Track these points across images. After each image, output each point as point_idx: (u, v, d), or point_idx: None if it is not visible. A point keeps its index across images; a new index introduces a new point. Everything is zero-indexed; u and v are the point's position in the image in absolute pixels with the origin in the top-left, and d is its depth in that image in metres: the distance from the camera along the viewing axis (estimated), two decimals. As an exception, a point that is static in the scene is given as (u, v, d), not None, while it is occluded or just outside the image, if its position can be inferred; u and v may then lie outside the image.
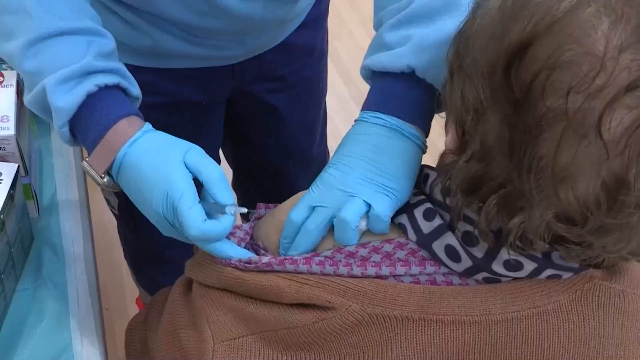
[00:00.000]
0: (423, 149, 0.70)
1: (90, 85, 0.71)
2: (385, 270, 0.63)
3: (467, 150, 0.58)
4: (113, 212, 1.25)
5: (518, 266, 0.60)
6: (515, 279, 0.62)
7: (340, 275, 0.64)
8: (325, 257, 0.65)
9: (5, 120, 0.88)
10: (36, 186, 0.97)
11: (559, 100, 0.49)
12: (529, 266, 0.60)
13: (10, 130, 0.87)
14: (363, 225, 0.66)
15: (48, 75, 0.70)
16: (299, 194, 0.72)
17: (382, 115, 0.70)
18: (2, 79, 0.94)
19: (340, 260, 0.64)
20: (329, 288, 0.63)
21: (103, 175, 0.72)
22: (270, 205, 0.76)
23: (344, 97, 2.34)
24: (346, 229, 0.65)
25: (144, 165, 0.70)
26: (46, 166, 1.02)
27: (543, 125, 0.50)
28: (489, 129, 0.54)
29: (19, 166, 0.85)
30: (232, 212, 0.69)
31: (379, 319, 0.61)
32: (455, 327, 0.61)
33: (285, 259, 0.66)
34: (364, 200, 0.65)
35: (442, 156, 0.69)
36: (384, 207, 0.65)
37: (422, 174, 0.69)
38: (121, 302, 1.77)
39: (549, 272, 0.60)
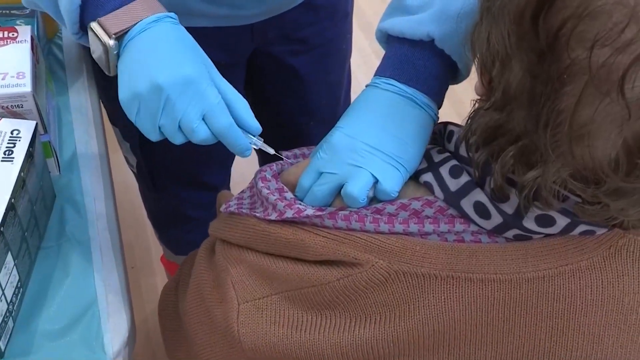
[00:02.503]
0: (435, 121, 0.68)
1: None
2: (413, 228, 0.61)
3: (491, 98, 0.56)
4: (133, 172, 1.24)
5: (550, 222, 0.57)
6: (547, 236, 0.59)
7: (366, 231, 0.62)
8: (351, 211, 0.63)
9: (21, 76, 0.87)
10: (56, 144, 0.96)
11: (584, 53, 0.46)
12: (562, 221, 0.57)
13: (27, 87, 0.86)
14: (370, 194, 0.64)
15: None
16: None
17: (396, 83, 0.68)
18: (15, 34, 0.92)
19: (366, 216, 0.62)
20: (355, 244, 0.61)
21: (113, 36, 0.67)
22: (290, 154, 0.74)
23: (365, 52, 2.30)
24: (354, 202, 0.63)
25: (168, 48, 0.65)
26: (65, 124, 1.01)
27: (565, 78, 0.48)
28: (512, 78, 0.52)
29: (37, 123, 0.84)
30: (258, 144, 0.67)
31: (406, 276, 0.60)
32: (485, 285, 0.59)
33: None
34: (372, 174, 0.63)
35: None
36: (392, 183, 0.63)
37: (445, 130, 0.67)
38: (147, 260, 1.78)
39: (582, 227, 0.58)
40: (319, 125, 1.24)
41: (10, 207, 0.76)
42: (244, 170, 1.39)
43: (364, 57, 2.28)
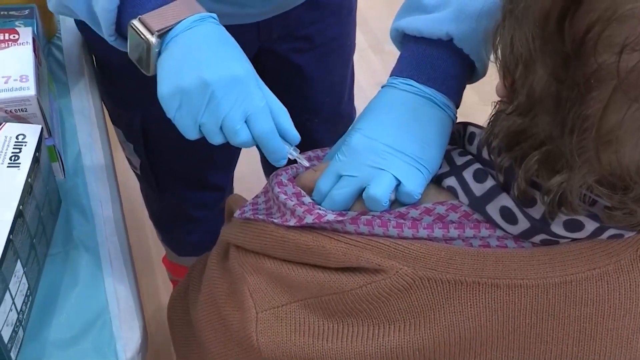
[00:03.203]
0: (454, 121, 0.67)
1: None
2: (437, 233, 0.60)
3: (513, 101, 0.55)
4: (135, 172, 1.23)
5: (578, 226, 0.56)
6: (573, 240, 0.58)
7: (389, 237, 0.61)
8: (373, 216, 0.62)
9: (24, 80, 0.85)
10: (60, 148, 0.94)
11: (612, 58, 0.45)
12: (590, 226, 0.56)
13: (31, 90, 0.84)
14: (392, 197, 0.63)
15: None
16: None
17: (415, 83, 0.66)
18: (17, 36, 0.90)
19: (389, 220, 0.61)
20: (379, 250, 0.60)
21: (155, 33, 0.66)
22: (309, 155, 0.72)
23: (360, 46, 2.27)
24: (376, 205, 0.62)
25: (215, 47, 0.65)
26: (68, 127, 0.99)
27: (592, 83, 0.47)
28: (536, 82, 0.51)
29: (42, 127, 0.82)
30: (294, 155, 0.67)
31: (431, 282, 0.58)
32: (512, 290, 0.58)
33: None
34: (394, 176, 0.62)
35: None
36: (415, 185, 0.62)
37: (466, 131, 0.66)
38: (147, 261, 1.76)
39: (611, 231, 0.57)
40: (323, 123, 1.23)
41: (19, 214, 0.74)
42: (242, 169, 1.37)
43: (359, 51, 2.24)
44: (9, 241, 0.71)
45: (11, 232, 0.72)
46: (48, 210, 0.85)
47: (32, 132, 0.81)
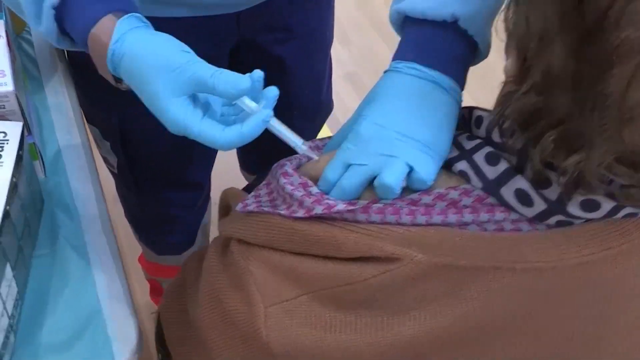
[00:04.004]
0: (460, 105, 0.66)
1: None
2: (451, 218, 0.58)
3: (527, 80, 0.53)
4: (111, 171, 1.19)
5: (595, 206, 0.56)
6: (587, 220, 0.58)
7: (402, 224, 0.59)
8: (385, 204, 0.60)
9: (1, 75, 0.81)
10: (39, 145, 0.90)
11: (636, 32, 0.44)
12: (607, 205, 0.56)
13: (9, 86, 0.80)
14: (403, 184, 0.61)
15: None
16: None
17: (419, 67, 0.65)
18: (-10, 31, 0.86)
19: (402, 208, 0.59)
20: (392, 238, 0.58)
21: (119, 83, 0.67)
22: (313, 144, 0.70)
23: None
24: (388, 193, 0.60)
25: (144, 54, 0.64)
26: (45, 124, 0.96)
27: (614, 59, 0.46)
28: (554, 60, 0.50)
29: (23, 124, 0.79)
30: (304, 148, 0.66)
31: (446, 269, 0.57)
32: (528, 274, 0.57)
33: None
34: (406, 163, 0.60)
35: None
36: (427, 171, 0.61)
37: (472, 115, 0.65)
38: (134, 260, 1.71)
39: (626, 210, 0.57)
40: (302, 113, 1.21)
41: (6, 215, 0.71)
42: (220, 167, 1.35)
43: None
44: (-2, 243, 0.68)
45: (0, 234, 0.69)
46: (32, 210, 0.82)
47: (13, 130, 0.78)
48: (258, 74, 0.62)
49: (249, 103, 0.63)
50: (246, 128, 0.62)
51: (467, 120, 0.66)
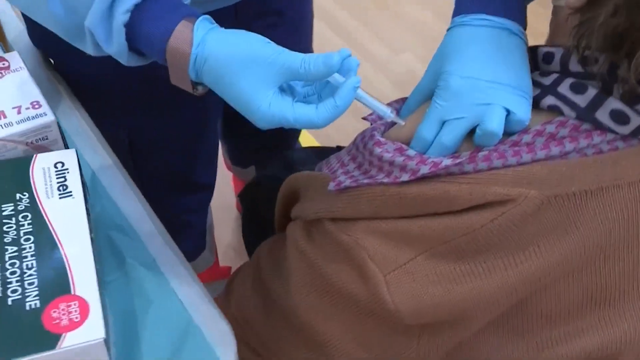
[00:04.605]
0: (527, 45, 0.69)
1: (120, 15, 0.65)
2: (555, 151, 0.62)
3: (605, 4, 0.56)
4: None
5: None
6: None
7: (508, 166, 0.62)
8: (490, 150, 0.62)
9: (36, 106, 0.79)
10: (77, 171, 0.88)
11: None
12: None
13: (49, 116, 0.78)
14: None
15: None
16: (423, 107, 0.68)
17: (488, 17, 0.67)
18: (7, 63, 0.83)
19: (506, 151, 0.62)
20: (503, 181, 0.61)
21: (196, 89, 0.68)
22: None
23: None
24: (493, 139, 0.63)
25: (230, 53, 0.64)
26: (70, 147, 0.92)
27: None
28: None
29: (76, 151, 0.77)
30: (392, 116, 0.67)
31: (558, 199, 0.61)
32: (633, 188, 0.62)
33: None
34: (504, 107, 0.63)
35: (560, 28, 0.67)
36: (525, 111, 0.64)
37: (538, 53, 0.67)
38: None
39: None
40: None
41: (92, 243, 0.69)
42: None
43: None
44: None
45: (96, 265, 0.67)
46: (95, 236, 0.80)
47: (69, 158, 0.76)
48: (346, 51, 0.63)
49: (337, 77, 0.64)
50: (339, 100, 0.63)
51: (531, 60, 0.69)
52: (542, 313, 0.64)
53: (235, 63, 0.63)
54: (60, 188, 0.73)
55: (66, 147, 0.81)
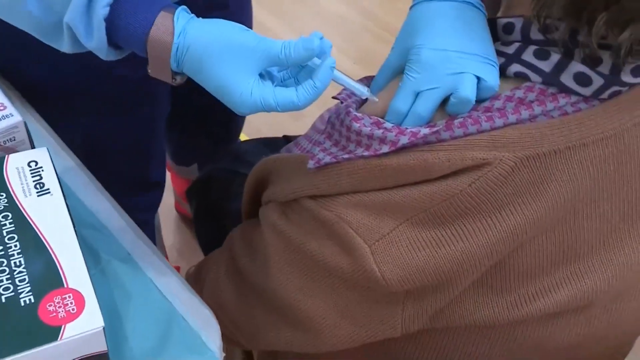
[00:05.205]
0: (486, 16, 0.73)
1: (100, 9, 0.66)
2: (525, 115, 0.67)
3: None
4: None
5: None
6: (631, 87, 0.68)
7: (483, 132, 0.66)
8: (464, 117, 0.67)
9: (1, 108, 0.78)
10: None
11: None
12: None
13: (16, 116, 0.78)
14: None
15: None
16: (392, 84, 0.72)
17: None
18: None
19: (479, 117, 0.67)
20: (480, 146, 0.65)
21: (174, 79, 0.70)
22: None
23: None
24: (467, 106, 0.68)
25: (211, 41, 0.66)
26: (31, 151, 0.92)
27: None
28: None
29: (48, 149, 0.77)
30: (367, 93, 0.70)
31: (530, 160, 0.65)
32: (597, 145, 0.67)
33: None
34: (475, 75, 0.67)
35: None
36: (494, 78, 0.68)
37: (499, 25, 0.72)
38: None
39: None
40: None
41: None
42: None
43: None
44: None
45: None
46: (70, 234, 0.80)
47: (41, 156, 0.76)
48: (319, 34, 0.66)
49: (314, 59, 0.67)
50: (318, 81, 0.66)
51: (493, 30, 0.73)
52: (518, 271, 0.69)
53: (216, 52, 0.65)
54: (37, 186, 0.73)
55: (33, 147, 0.81)
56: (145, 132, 1.12)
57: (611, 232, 0.71)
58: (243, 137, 2.06)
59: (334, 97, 0.76)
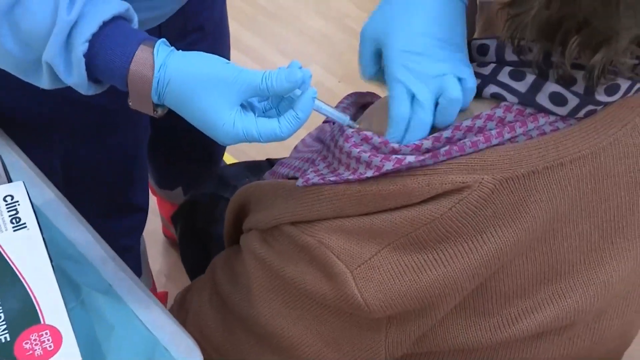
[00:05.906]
0: (466, 5, 0.72)
1: (79, 46, 0.66)
2: (507, 136, 0.67)
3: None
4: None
5: (616, 89, 0.66)
6: (605, 105, 0.68)
7: (464, 155, 0.66)
8: (450, 146, 0.66)
9: (-24, 142, 0.78)
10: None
11: None
12: (624, 85, 0.66)
13: (-9, 150, 0.77)
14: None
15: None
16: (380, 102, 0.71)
17: None
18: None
19: (464, 143, 0.66)
20: (459, 170, 0.66)
21: (156, 112, 0.69)
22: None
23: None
24: (457, 107, 0.67)
25: (192, 74, 0.66)
26: (9, 183, 0.91)
27: None
28: None
29: (23, 183, 0.76)
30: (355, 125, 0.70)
31: (509, 182, 0.65)
32: (574, 165, 0.67)
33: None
34: (455, 76, 0.67)
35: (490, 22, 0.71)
36: (472, 79, 0.68)
37: (473, 46, 0.72)
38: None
39: (638, 86, 0.67)
40: None
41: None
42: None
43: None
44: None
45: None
46: (49, 267, 0.80)
47: (17, 191, 0.75)
48: (297, 63, 0.66)
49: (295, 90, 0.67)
50: (300, 111, 0.66)
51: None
52: (500, 292, 0.69)
53: (197, 84, 0.65)
54: (14, 221, 0.72)
55: (10, 180, 0.80)
56: (126, 156, 1.11)
57: (591, 251, 0.71)
58: (228, 157, 2.06)
59: (324, 122, 0.76)
